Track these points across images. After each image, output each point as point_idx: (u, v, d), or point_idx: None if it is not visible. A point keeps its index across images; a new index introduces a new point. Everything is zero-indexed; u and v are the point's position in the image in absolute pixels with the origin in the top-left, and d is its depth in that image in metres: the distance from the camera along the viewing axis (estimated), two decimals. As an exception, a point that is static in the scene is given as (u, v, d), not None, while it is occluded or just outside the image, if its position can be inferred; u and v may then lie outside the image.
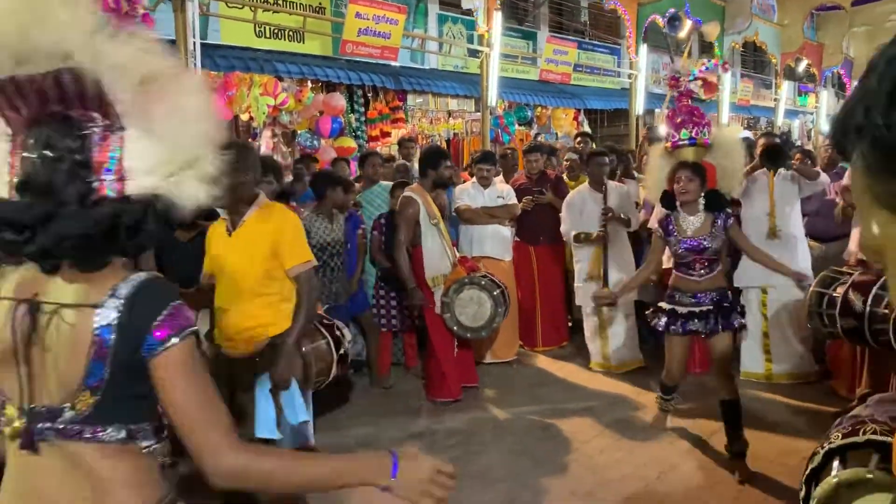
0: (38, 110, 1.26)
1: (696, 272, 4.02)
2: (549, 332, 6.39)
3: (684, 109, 4.36)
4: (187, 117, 1.31)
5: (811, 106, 20.60)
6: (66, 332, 1.30)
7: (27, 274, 1.35)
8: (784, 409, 4.90)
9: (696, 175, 4.00)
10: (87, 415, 1.30)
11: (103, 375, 1.29)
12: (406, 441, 4.51)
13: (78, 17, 1.24)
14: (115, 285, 1.31)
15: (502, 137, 11.98)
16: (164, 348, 1.31)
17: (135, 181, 1.29)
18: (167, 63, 1.33)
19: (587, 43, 14.32)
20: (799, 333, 5.32)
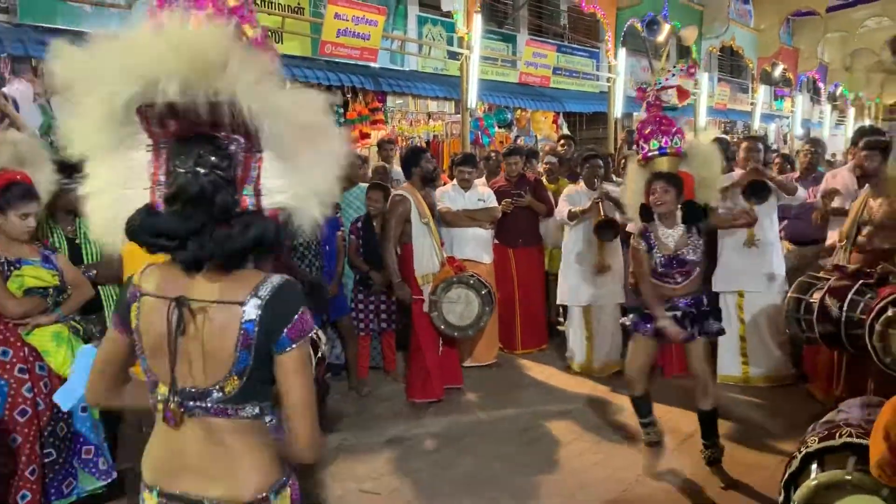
0: (189, 130, 1.44)
1: (675, 281, 3.96)
2: (529, 334, 6.39)
3: (652, 119, 4.21)
4: (326, 161, 1.52)
5: (787, 110, 20.85)
6: (214, 325, 1.51)
7: (167, 273, 1.55)
8: (762, 413, 4.93)
9: (671, 185, 3.90)
10: (232, 396, 1.54)
11: (248, 362, 1.51)
12: (385, 445, 4.48)
13: (248, 69, 1.42)
14: (256, 285, 1.51)
15: (482, 140, 11.98)
16: (290, 349, 1.53)
17: (269, 197, 1.50)
18: (321, 116, 1.53)
19: (566, 46, 14.37)
20: (776, 337, 5.37)
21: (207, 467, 1.57)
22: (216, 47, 1.40)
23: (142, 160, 1.49)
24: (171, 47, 1.38)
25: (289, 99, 1.47)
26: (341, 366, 5.63)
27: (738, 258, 5.35)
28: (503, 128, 13.10)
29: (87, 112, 1.47)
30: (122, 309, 1.63)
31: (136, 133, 1.49)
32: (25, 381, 3.07)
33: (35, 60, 7.30)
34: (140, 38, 1.44)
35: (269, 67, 1.48)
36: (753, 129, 17.29)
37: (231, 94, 1.41)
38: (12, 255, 3.08)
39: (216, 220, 1.44)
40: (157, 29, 1.44)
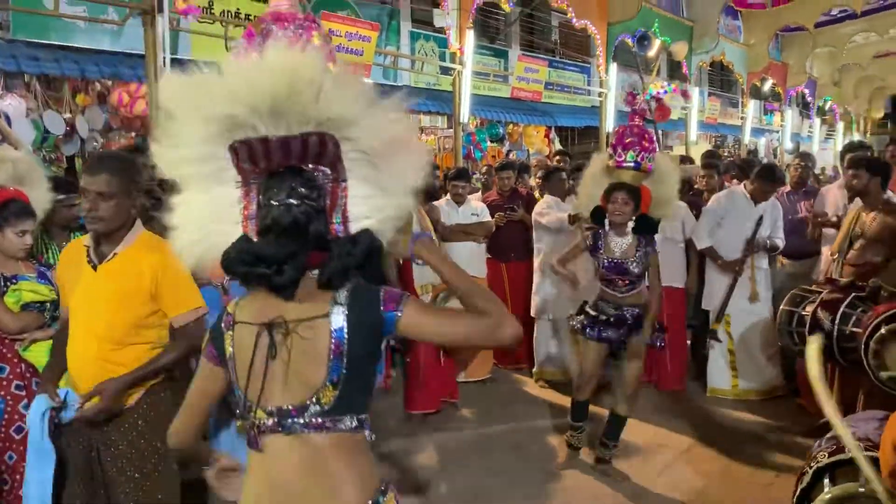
0: (278, 165, 1.52)
1: (619, 289, 4.09)
2: (522, 349, 6.37)
3: (636, 130, 4.18)
4: (409, 176, 1.58)
5: (777, 124, 21.03)
6: (305, 342, 1.56)
7: (257, 302, 1.61)
8: (753, 427, 4.94)
9: (631, 198, 3.99)
10: (329, 407, 1.56)
11: (342, 370, 1.55)
12: (378, 462, 4.45)
13: (347, 92, 1.49)
14: (333, 296, 1.57)
15: (474, 154, 12.03)
16: (399, 315, 1.57)
17: (356, 223, 1.57)
18: (407, 129, 1.63)
19: (558, 61, 14.46)
20: (765, 350, 5.40)
21: (310, 491, 1.58)
22: (311, 69, 1.46)
23: (231, 196, 1.58)
24: (269, 70, 1.45)
25: (379, 116, 1.53)
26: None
27: (725, 283, 5.41)
28: (495, 142, 13.16)
29: (185, 141, 1.54)
30: (216, 339, 1.68)
31: (225, 170, 1.56)
32: (22, 397, 3.04)
33: (28, 76, 7.30)
34: (239, 67, 1.54)
35: (362, 87, 1.55)
36: (744, 143, 17.42)
37: (324, 120, 1.49)
38: (8, 272, 3.07)
39: (309, 248, 1.52)
40: (251, 58, 1.55)
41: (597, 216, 4.15)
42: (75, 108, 7.81)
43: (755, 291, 5.34)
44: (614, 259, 4.05)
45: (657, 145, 4.37)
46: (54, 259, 3.62)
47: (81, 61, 7.31)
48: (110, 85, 7.99)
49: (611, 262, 4.05)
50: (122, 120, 7.93)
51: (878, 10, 15.54)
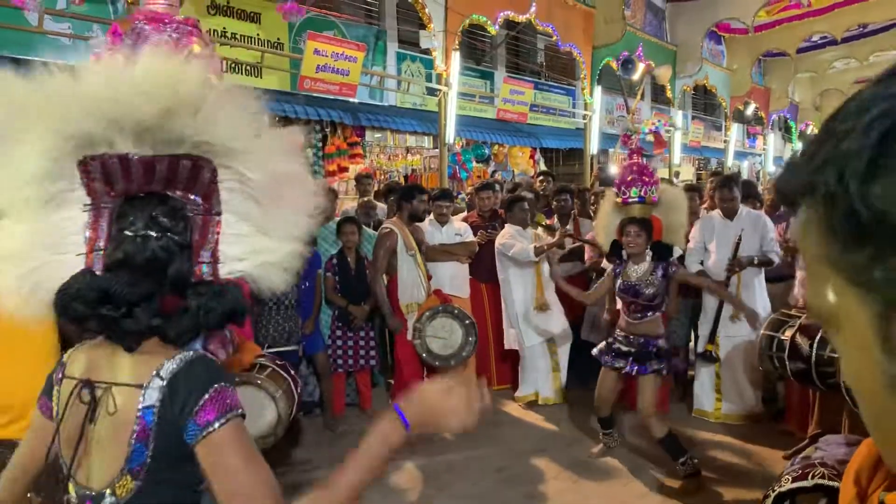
0: (138, 188, 1.26)
1: (631, 314, 4.41)
2: (504, 370, 6.36)
3: (635, 168, 4.60)
4: (296, 218, 1.36)
5: (759, 148, 21.26)
6: (113, 413, 1.28)
7: (97, 352, 1.34)
8: (735, 450, 4.94)
9: (643, 230, 4.36)
10: (126, 500, 1.26)
11: (145, 459, 1.25)
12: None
13: (232, 114, 1.28)
14: (160, 364, 1.28)
15: (460, 174, 12.07)
16: (206, 433, 1.25)
17: (227, 266, 1.33)
18: (299, 165, 1.40)
19: (543, 84, 14.58)
20: (749, 374, 5.40)
21: None
22: (191, 82, 1.23)
23: (76, 221, 1.27)
24: (138, 80, 1.20)
25: (269, 146, 1.32)
26: (315, 402, 5.56)
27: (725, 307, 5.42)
28: (481, 163, 13.21)
29: (18, 158, 1.22)
30: (49, 390, 1.40)
31: (72, 190, 1.26)
32: None
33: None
34: (101, 73, 1.24)
35: (251, 110, 1.33)
36: (727, 166, 17.58)
37: (200, 143, 1.25)
38: None
39: (166, 291, 1.26)
40: (117, 63, 1.25)
41: (614, 250, 4.54)
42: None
43: (740, 309, 5.34)
44: (629, 282, 4.37)
45: (657, 178, 4.73)
46: None
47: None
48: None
49: (626, 284, 4.38)
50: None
51: (857, 38, 15.81)
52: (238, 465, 1.24)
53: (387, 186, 8.25)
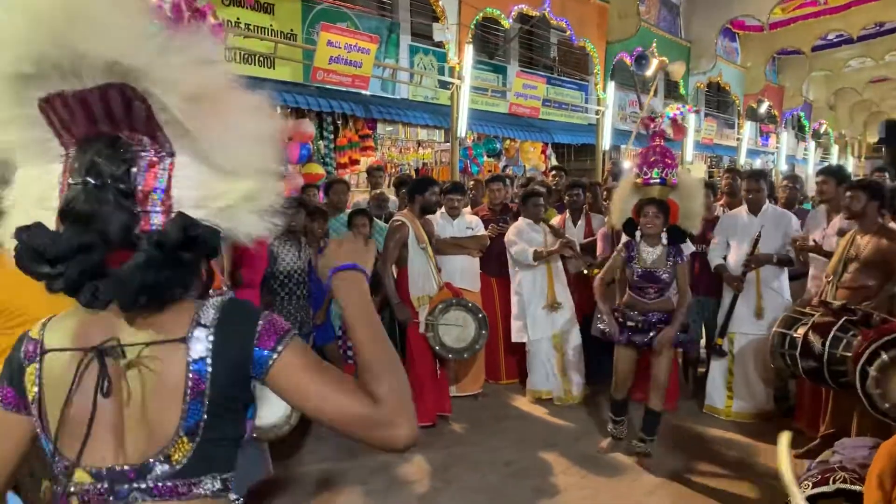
0: (88, 130, 1.14)
1: (648, 296, 4.51)
2: (513, 364, 6.36)
3: (658, 150, 4.62)
4: (246, 142, 1.19)
5: (772, 146, 21.13)
6: (151, 377, 1.17)
7: (86, 319, 1.21)
8: (746, 448, 4.92)
9: (661, 212, 4.41)
10: (182, 466, 1.18)
11: (201, 416, 1.17)
12: (368, 476, 4.42)
13: (120, 20, 1.09)
14: (195, 313, 1.20)
15: (471, 168, 12.05)
16: (274, 358, 1.20)
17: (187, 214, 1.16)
18: (225, 77, 1.20)
19: (556, 79, 14.53)
20: (762, 372, 5.38)
21: None
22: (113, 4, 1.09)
23: (57, 172, 1.18)
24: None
25: (179, 59, 1.13)
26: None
27: (742, 305, 5.38)
28: (492, 157, 13.19)
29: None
30: (13, 375, 1.24)
31: (50, 139, 1.18)
32: None
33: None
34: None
35: (154, 25, 1.13)
36: (739, 164, 17.48)
37: (111, 65, 1.10)
38: None
39: (113, 245, 1.12)
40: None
41: (629, 228, 4.61)
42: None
43: (759, 307, 5.30)
44: (646, 268, 4.45)
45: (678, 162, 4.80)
46: None
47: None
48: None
49: (643, 271, 4.46)
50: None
51: (873, 36, 15.68)
52: (313, 378, 1.20)
53: (398, 179, 8.25)
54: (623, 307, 4.62)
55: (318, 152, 10.21)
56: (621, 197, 4.75)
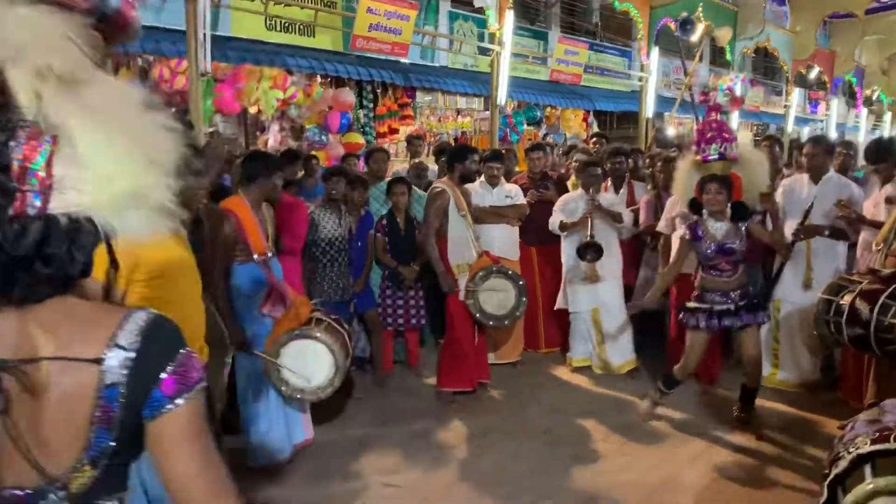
0: None
1: (724, 273, 4.42)
2: (552, 333, 6.35)
3: (714, 125, 4.54)
4: (121, 134, 1.02)
5: (821, 114, 20.53)
6: (54, 397, 1.03)
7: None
8: (789, 417, 4.86)
9: (723, 188, 4.34)
10: (79, 492, 1.07)
11: (108, 444, 1.06)
12: (408, 440, 4.48)
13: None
14: (113, 332, 1.06)
15: (510, 137, 11.95)
16: (169, 409, 1.07)
17: (62, 196, 1.00)
18: (86, 62, 1.03)
19: (598, 44, 14.27)
20: (808, 341, 5.29)
21: None
22: None
23: None
24: None
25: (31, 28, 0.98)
26: (366, 359, 5.65)
27: (791, 274, 5.29)
28: (532, 125, 13.06)
29: None
30: None
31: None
32: None
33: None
34: None
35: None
36: (787, 132, 17.04)
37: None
38: None
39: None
40: None
41: (694, 207, 4.50)
42: (117, 83, 7.91)
43: (808, 278, 5.20)
44: (717, 242, 4.36)
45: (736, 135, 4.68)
46: None
47: (124, 36, 7.38)
48: (151, 60, 8.08)
49: (715, 246, 4.36)
50: (162, 95, 8.02)
51: (931, -3, 15.04)
52: (193, 454, 1.09)
53: (438, 147, 8.23)
54: (700, 291, 4.50)
55: (357, 121, 10.23)
56: (683, 176, 4.68)
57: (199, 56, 5.87)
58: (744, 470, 4.10)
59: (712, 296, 4.43)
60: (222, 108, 8.27)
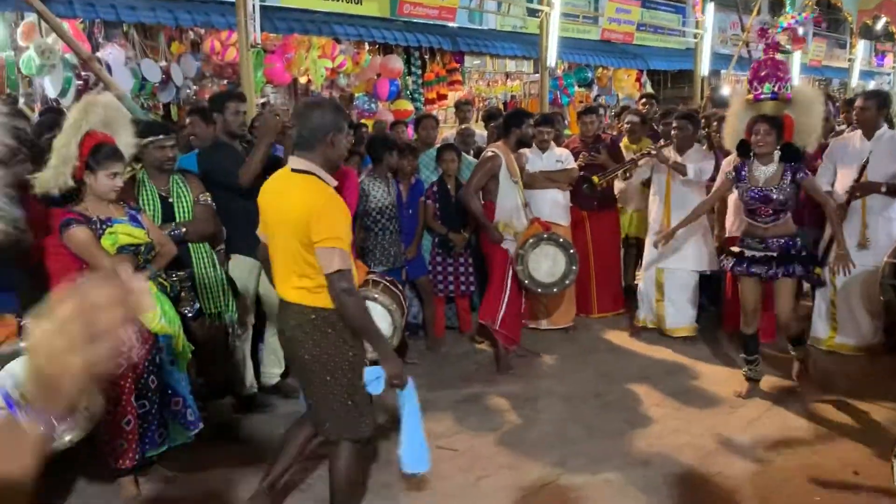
0: None
1: (763, 219, 4.25)
2: (605, 299, 6.31)
3: (769, 63, 4.39)
4: None
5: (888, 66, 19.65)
6: None
7: None
8: (848, 383, 4.74)
9: (773, 128, 4.15)
10: None
11: None
12: (459, 404, 4.54)
13: None
14: None
15: (561, 99, 11.77)
16: None
17: None
18: None
19: (651, 1, 13.86)
20: (866, 305, 5.14)
21: None
22: None
23: None
24: None
25: None
26: (419, 325, 5.71)
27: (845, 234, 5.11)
28: (583, 87, 12.83)
29: None
30: None
31: None
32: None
33: (126, 25, 7.56)
34: None
35: None
36: (851, 86, 16.37)
37: None
38: (103, 215, 3.21)
39: None
40: None
41: (742, 149, 4.35)
42: (170, 57, 8.05)
43: (864, 237, 5.02)
44: (758, 187, 4.19)
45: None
46: (153, 200, 3.75)
47: (175, 10, 7.50)
48: (203, 33, 8.19)
49: (755, 191, 4.20)
50: (214, 67, 8.14)
51: None
52: None
53: (487, 112, 8.17)
54: (742, 235, 4.42)
55: (406, 88, 10.21)
56: (733, 117, 4.54)
57: (248, 27, 5.93)
58: (800, 435, 4.03)
59: (750, 241, 4.33)
60: (273, 78, 8.35)
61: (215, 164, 4.14)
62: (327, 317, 2.74)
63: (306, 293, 2.74)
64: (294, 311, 2.79)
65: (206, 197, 3.90)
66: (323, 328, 2.76)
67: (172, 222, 3.75)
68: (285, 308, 2.85)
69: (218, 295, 3.93)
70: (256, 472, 3.32)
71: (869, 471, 3.55)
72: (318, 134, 2.72)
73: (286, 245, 2.73)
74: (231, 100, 4.28)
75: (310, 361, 2.80)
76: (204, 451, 3.71)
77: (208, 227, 3.92)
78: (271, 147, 4.15)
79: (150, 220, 3.51)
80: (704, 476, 3.61)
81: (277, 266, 2.84)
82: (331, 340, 2.77)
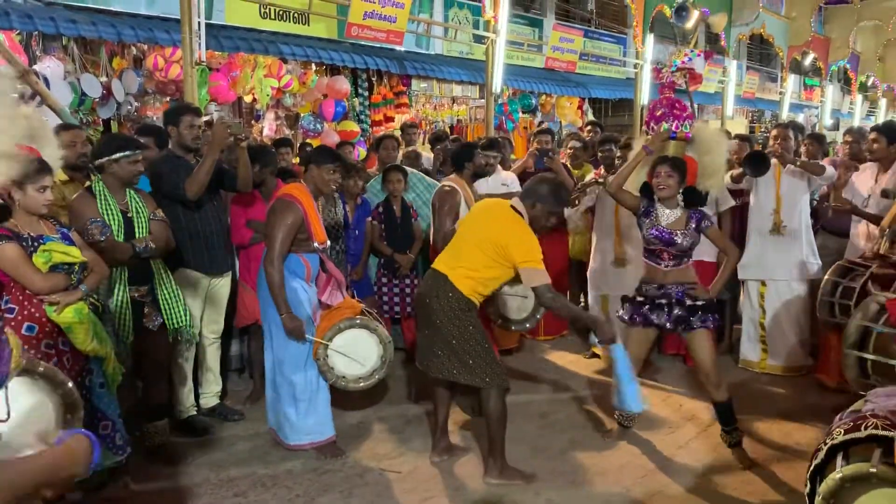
0: None
1: (664, 262, 3.98)
2: (550, 320, 6.36)
3: (665, 102, 4.25)
4: None
5: (816, 100, 20.54)
6: None
7: None
8: (779, 403, 4.90)
9: (675, 170, 3.92)
10: None
11: None
12: (403, 426, 4.51)
13: None
14: None
15: (506, 125, 11.95)
16: None
17: None
18: None
19: (593, 31, 14.25)
20: (795, 328, 5.33)
21: None
22: None
23: None
24: None
25: None
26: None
27: (765, 246, 5.30)
28: (527, 113, 13.05)
29: None
30: None
31: None
32: (52, 356, 3.08)
33: (65, 39, 7.38)
34: None
35: None
36: (782, 118, 17.05)
37: None
38: (34, 232, 3.10)
39: None
40: None
41: (646, 192, 4.08)
42: (111, 72, 7.89)
43: (779, 222, 5.22)
44: (660, 227, 3.93)
45: (694, 113, 4.34)
46: (114, 216, 3.62)
47: (118, 25, 7.37)
48: (146, 49, 8.05)
49: (658, 230, 3.93)
50: (156, 84, 8.00)
51: (927, -17, 15.02)
52: None
53: (434, 136, 8.22)
54: (641, 280, 4.13)
55: (353, 110, 10.21)
56: (636, 160, 4.20)
57: (193, 45, 5.86)
58: (733, 457, 4.12)
59: (648, 287, 4.05)
60: (218, 97, 8.26)
61: (164, 176, 4.09)
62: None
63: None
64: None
65: (159, 212, 3.85)
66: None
67: (133, 238, 3.66)
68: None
69: (178, 309, 3.87)
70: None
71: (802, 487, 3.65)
72: None
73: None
74: (186, 113, 4.25)
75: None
76: (134, 473, 3.64)
77: (170, 242, 3.86)
78: (219, 159, 4.12)
79: (80, 238, 3.38)
80: (646, 495, 3.67)
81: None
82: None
